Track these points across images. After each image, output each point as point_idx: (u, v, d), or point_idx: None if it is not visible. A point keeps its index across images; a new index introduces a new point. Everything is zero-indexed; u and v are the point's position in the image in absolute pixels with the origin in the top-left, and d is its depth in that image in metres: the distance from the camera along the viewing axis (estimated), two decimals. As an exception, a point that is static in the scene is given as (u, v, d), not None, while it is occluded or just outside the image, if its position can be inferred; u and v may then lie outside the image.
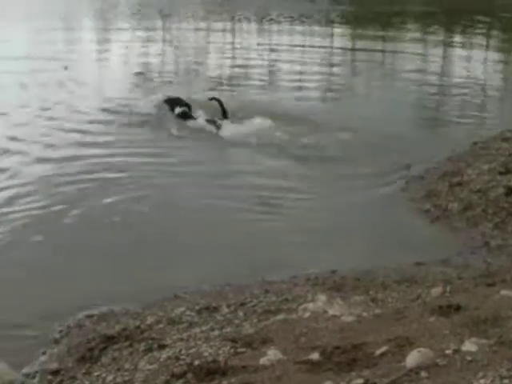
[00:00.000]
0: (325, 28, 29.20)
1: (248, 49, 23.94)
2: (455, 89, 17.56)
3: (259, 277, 6.98)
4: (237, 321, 5.86)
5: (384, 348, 4.46)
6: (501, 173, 9.52)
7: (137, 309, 6.39)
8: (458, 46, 25.24)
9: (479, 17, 31.58)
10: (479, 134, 12.30)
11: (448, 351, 4.15)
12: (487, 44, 25.89)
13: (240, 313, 6.03)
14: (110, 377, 5.12)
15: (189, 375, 4.66)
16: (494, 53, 24.35)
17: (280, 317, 5.79)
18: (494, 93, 17.73)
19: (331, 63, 21.77)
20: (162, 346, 5.40)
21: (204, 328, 5.73)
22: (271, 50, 23.25)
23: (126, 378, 5.01)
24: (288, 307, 6.04)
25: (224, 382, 4.45)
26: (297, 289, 6.60)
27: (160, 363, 5.07)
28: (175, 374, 4.73)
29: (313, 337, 5.10)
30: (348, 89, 17.73)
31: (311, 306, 5.88)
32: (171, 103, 13.87)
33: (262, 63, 21.03)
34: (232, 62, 21.40)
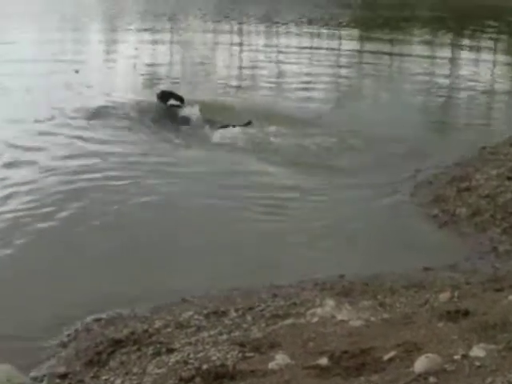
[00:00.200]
0: (333, 31, 29.26)
1: (256, 51, 24.03)
2: (463, 93, 17.57)
3: (267, 281, 6.99)
4: (245, 325, 5.86)
5: (392, 353, 4.46)
6: (509, 178, 9.51)
7: (145, 312, 6.40)
8: (467, 50, 25.26)
9: (489, 21, 31.62)
10: (487, 139, 12.29)
11: (456, 356, 4.15)
12: (495, 48, 25.87)
13: (248, 317, 6.04)
14: (118, 381, 5.13)
15: (197, 379, 4.67)
16: (503, 56, 24.34)
17: (288, 321, 5.79)
18: (503, 97, 17.73)
19: (340, 65, 21.82)
20: (171, 350, 5.41)
21: (212, 332, 5.73)
22: (279, 52, 23.32)
23: (135, 382, 5.03)
24: (296, 312, 6.04)
25: (232, 387, 4.47)
26: (305, 293, 6.60)
27: (168, 367, 5.07)
28: (183, 379, 4.74)
29: (321, 341, 5.10)
30: (356, 92, 17.76)
31: (319, 311, 5.88)
32: (165, 96, 14.17)
33: (270, 65, 21.08)
34: (240, 64, 21.49)
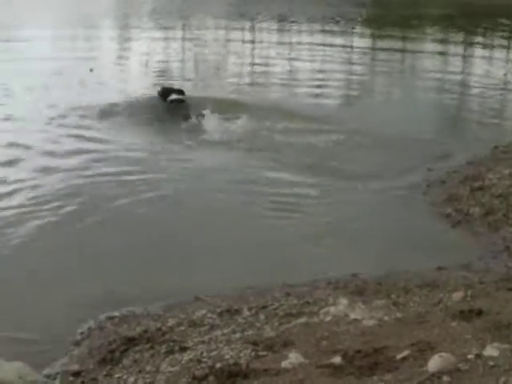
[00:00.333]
0: (346, 28, 29.28)
1: (268, 48, 24.08)
2: (475, 91, 17.50)
3: (280, 280, 6.98)
4: (258, 324, 5.87)
5: (406, 352, 4.45)
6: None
7: (158, 311, 6.41)
8: (479, 48, 25.17)
9: (501, 19, 31.52)
10: (500, 138, 12.27)
11: (470, 356, 4.15)
12: (508, 46, 25.78)
13: (261, 316, 6.04)
14: (132, 379, 5.15)
15: (210, 378, 4.68)
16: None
17: (301, 320, 5.79)
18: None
19: (352, 62, 21.82)
20: (184, 349, 5.42)
21: (225, 331, 5.74)
22: (291, 50, 23.35)
23: (148, 380, 5.04)
24: (309, 310, 6.04)
25: (245, 385, 4.47)
26: (318, 292, 6.59)
27: (181, 365, 5.08)
28: (197, 377, 4.75)
29: (334, 340, 5.10)
30: (368, 90, 17.76)
31: (333, 310, 5.88)
32: (165, 93, 14.18)
33: (283, 62, 21.10)
34: (252, 61, 21.53)
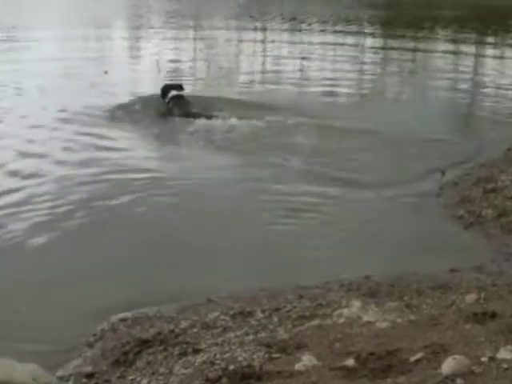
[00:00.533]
0: (358, 28, 29.31)
1: (279, 48, 24.17)
2: (488, 92, 17.48)
3: (293, 282, 6.98)
4: (271, 326, 5.86)
5: (419, 355, 4.45)
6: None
7: (171, 313, 6.42)
8: (491, 48, 25.16)
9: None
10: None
11: (483, 359, 4.14)
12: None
13: (274, 318, 6.04)
14: (145, 381, 5.15)
15: (224, 380, 4.68)
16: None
17: (314, 322, 5.79)
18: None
19: (363, 62, 21.86)
20: (197, 351, 5.42)
21: (238, 333, 5.74)
22: (303, 50, 23.41)
23: (161, 383, 5.04)
24: (322, 313, 6.03)
25: (259, 387, 4.47)
26: (331, 294, 6.59)
27: (195, 368, 5.08)
28: (210, 379, 4.75)
29: (347, 343, 5.10)
30: (381, 89, 17.76)
31: (346, 312, 5.87)
32: (165, 92, 14.26)
33: (294, 61, 21.15)
34: (263, 61, 21.58)
